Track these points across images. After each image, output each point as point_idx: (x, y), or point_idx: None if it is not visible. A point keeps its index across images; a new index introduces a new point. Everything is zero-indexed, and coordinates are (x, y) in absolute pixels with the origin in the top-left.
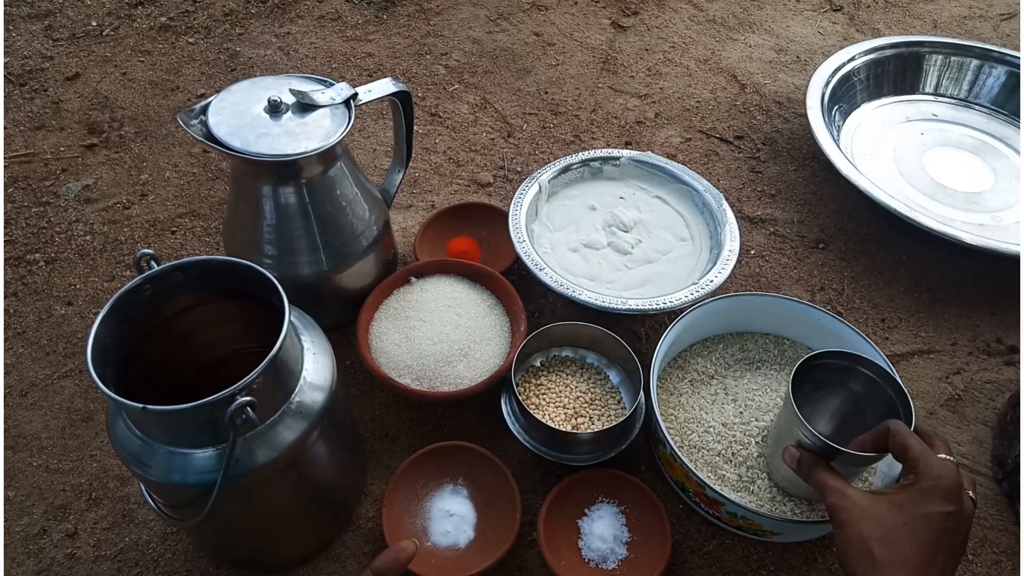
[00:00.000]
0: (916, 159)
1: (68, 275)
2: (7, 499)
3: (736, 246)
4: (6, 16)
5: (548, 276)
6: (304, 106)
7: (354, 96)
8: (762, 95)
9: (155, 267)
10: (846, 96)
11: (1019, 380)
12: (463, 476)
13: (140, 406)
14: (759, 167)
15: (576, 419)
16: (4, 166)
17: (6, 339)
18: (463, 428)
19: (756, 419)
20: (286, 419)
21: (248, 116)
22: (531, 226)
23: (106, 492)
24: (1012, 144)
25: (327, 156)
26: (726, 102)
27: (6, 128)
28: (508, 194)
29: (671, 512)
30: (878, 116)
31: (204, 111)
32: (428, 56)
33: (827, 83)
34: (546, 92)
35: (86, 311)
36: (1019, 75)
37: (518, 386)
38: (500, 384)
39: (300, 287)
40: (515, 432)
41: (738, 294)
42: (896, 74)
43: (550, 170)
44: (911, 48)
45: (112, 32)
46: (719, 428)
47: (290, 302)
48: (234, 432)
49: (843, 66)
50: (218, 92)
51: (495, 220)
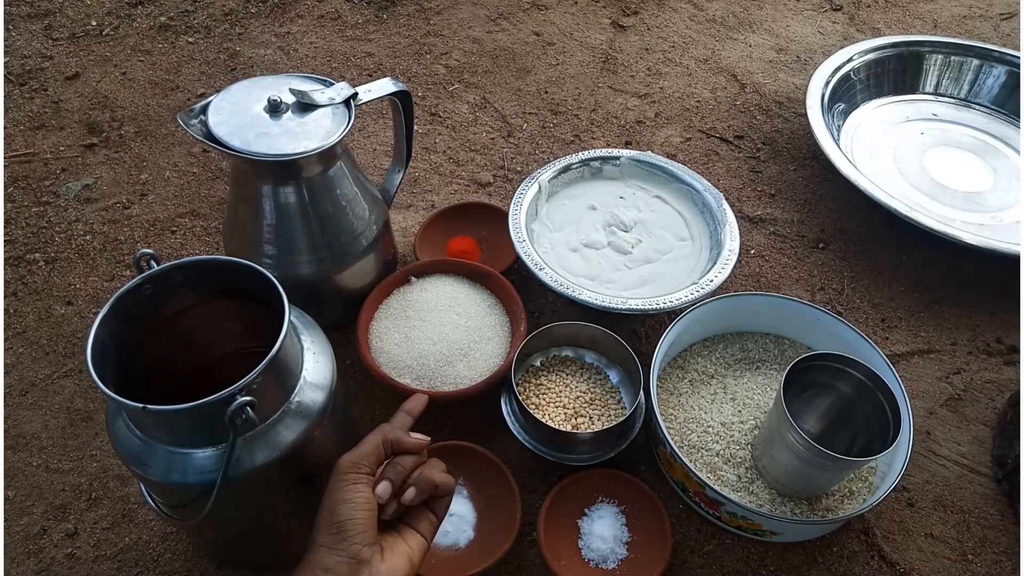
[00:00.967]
0: (916, 159)
1: (68, 275)
2: (7, 499)
3: (736, 246)
4: (6, 16)
5: (548, 276)
6: (304, 106)
7: (354, 96)
8: (762, 95)
9: (155, 267)
10: (846, 96)
11: (1019, 380)
12: (463, 476)
13: (140, 406)
14: (759, 167)
15: (576, 419)
16: (4, 166)
17: (6, 339)
18: (463, 428)
19: (756, 419)
20: (286, 419)
21: (248, 116)
22: (531, 226)
23: (106, 492)
24: (1012, 144)
25: (327, 156)
26: (726, 102)
27: (6, 128)
28: (508, 194)
29: (671, 512)
30: (878, 116)
31: (204, 111)
32: (428, 56)
33: (827, 83)
34: (546, 92)
35: (86, 311)
36: (1019, 75)
37: (518, 386)
38: (500, 384)
39: (300, 287)
40: (515, 432)
41: (738, 294)
42: (896, 74)
43: (550, 170)
44: (911, 48)
45: (112, 32)
46: (719, 428)
47: (290, 302)
48: (234, 432)
49: (843, 66)
50: (218, 92)
51: (495, 220)
